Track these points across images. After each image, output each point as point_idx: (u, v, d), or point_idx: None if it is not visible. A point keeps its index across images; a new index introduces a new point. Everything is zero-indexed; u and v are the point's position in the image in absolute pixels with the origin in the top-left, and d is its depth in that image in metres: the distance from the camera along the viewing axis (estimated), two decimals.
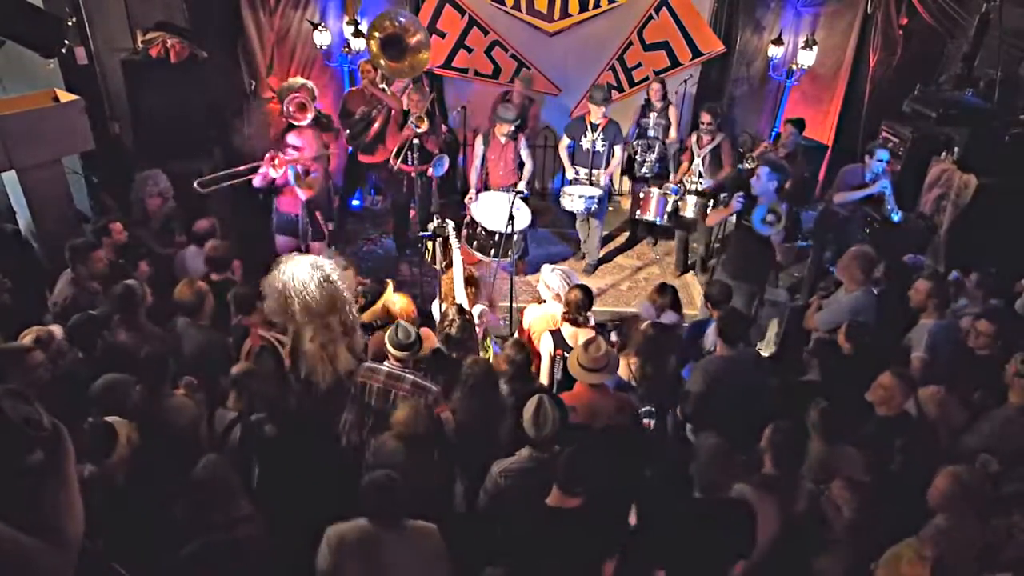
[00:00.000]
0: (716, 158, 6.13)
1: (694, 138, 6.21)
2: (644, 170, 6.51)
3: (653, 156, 6.45)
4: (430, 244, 5.09)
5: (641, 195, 6.28)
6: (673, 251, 6.85)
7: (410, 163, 5.85)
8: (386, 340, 3.45)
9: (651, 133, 6.46)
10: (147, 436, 2.89)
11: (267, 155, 5.07)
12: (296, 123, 5.24)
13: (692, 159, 6.20)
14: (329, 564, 2.48)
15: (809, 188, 7.35)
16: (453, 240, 4.76)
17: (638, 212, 6.33)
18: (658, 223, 6.33)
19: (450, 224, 4.85)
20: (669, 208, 6.12)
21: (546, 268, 4.36)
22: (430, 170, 5.84)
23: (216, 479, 2.66)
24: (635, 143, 6.49)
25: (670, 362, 3.87)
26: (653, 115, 6.47)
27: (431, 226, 4.86)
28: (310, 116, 5.26)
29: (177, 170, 5.65)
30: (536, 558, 2.51)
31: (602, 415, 3.23)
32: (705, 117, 6.06)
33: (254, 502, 2.79)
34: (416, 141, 5.44)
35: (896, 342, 4.07)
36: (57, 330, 3.53)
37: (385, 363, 3.47)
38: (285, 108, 5.19)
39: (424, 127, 5.53)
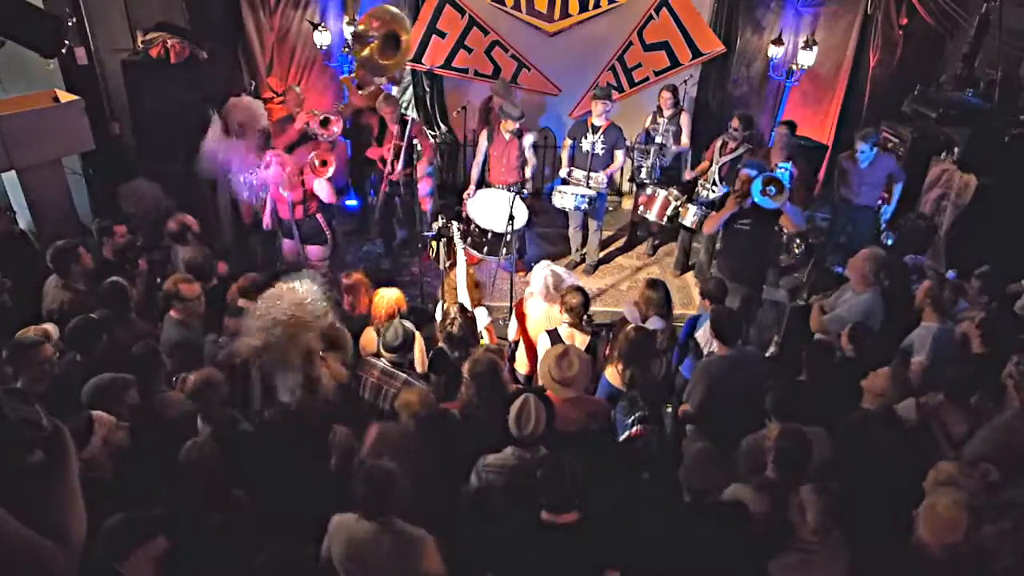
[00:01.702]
0: (735, 169, 5.96)
1: (719, 142, 6.14)
2: (643, 175, 6.44)
3: (648, 162, 6.36)
4: (434, 244, 5.08)
5: (648, 192, 6.26)
6: (673, 252, 6.84)
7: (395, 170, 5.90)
8: (380, 341, 3.49)
9: (659, 140, 6.38)
10: (138, 433, 2.90)
11: (308, 161, 5.14)
12: (323, 138, 5.33)
13: (711, 164, 6.13)
14: (325, 548, 2.55)
15: (809, 188, 7.34)
16: (458, 241, 4.75)
17: (640, 207, 6.30)
18: (656, 222, 6.30)
19: (455, 225, 4.84)
20: (670, 212, 6.07)
21: (539, 265, 4.35)
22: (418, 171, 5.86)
23: (203, 459, 2.65)
24: (635, 142, 6.44)
25: (654, 366, 3.83)
26: (663, 121, 6.41)
27: (436, 226, 4.85)
28: (337, 129, 5.30)
29: (177, 170, 5.66)
30: (534, 572, 2.51)
31: (570, 423, 3.21)
32: (734, 122, 5.99)
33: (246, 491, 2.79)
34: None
35: (895, 344, 4.06)
36: (53, 329, 3.53)
37: (381, 359, 3.51)
38: (310, 127, 5.23)
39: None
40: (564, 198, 5.96)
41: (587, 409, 3.33)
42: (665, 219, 6.11)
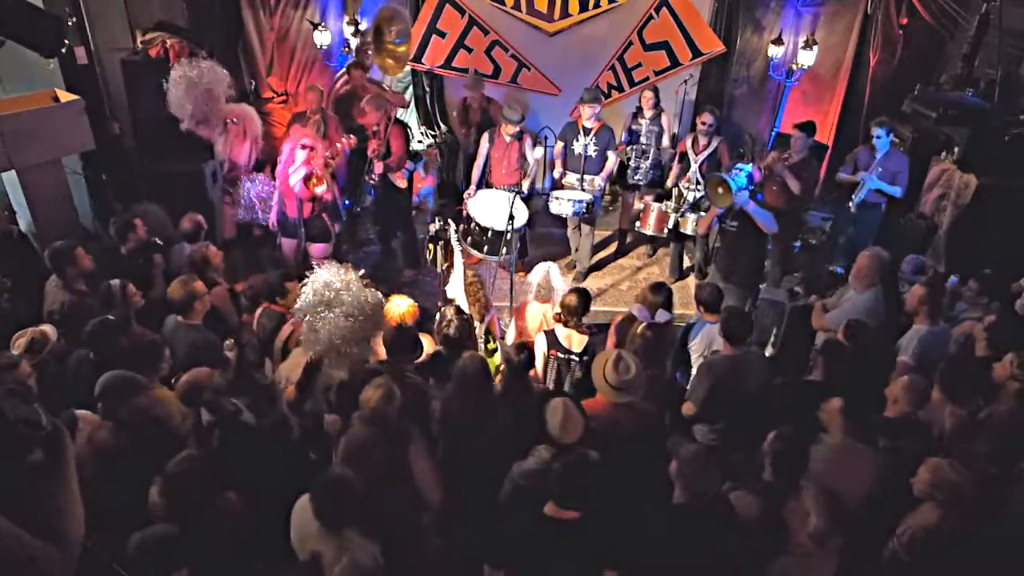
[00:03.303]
0: (714, 163, 6.00)
1: (689, 141, 6.10)
2: (638, 176, 6.38)
3: (648, 163, 6.30)
4: (431, 246, 5.08)
5: (641, 207, 6.17)
6: (670, 254, 6.81)
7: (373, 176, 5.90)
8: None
9: (644, 140, 6.33)
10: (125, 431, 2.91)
11: (303, 177, 5.12)
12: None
13: (688, 165, 6.06)
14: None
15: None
16: (455, 244, 4.74)
17: (638, 225, 6.22)
18: (656, 235, 6.24)
19: (452, 227, 4.84)
20: (670, 224, 6.00)
21: (539, 266, 4.35)
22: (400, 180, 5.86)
23: (192, 473, 2.62)
24: (629, 149, 6.33)
25: (669, 362, 3.84)
26: (644, 122, 6.34)
27: (433, 228, 4.84)
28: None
29: (177, 170, 5.66)
30: (535, 565, 2.51)
31: (624, 428, 3.21)
32: (706, 118, 5.93)
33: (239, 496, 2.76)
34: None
35: (891, 343, 4.07)
36: (51, 331, 3.54)
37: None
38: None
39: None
40: (561, 205, 5.85)
41: (642, 413, 3.32)
42: (665, 232, 6.07)
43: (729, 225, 4.92)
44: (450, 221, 4.95)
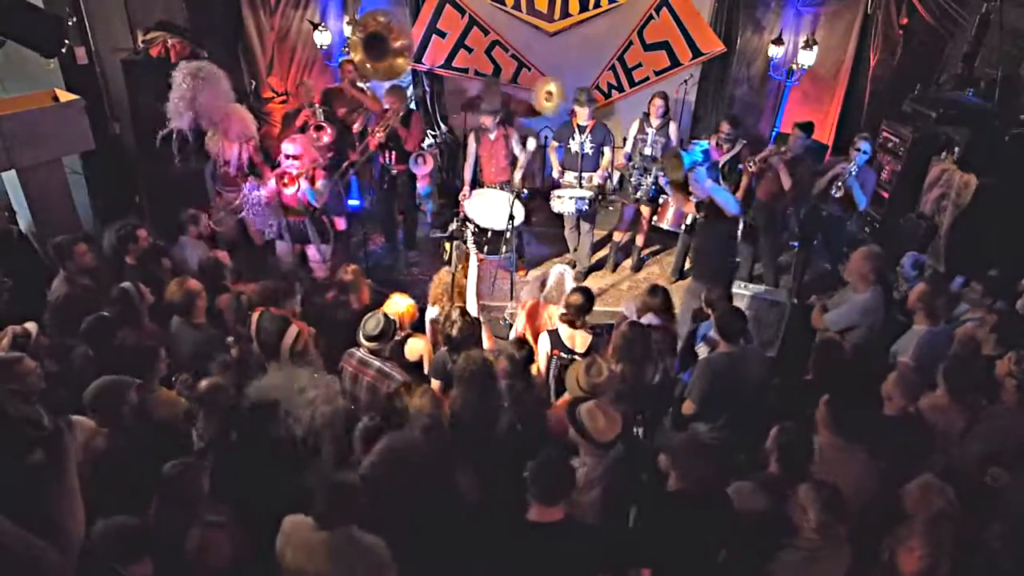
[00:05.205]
0: (734, 167, 5.93)
1: (712, 142, 5.98)
2: (639, 195, 6.20)
3: (649, 180, 6.11)
4: (447, 245, 5.08)
5: (660, 201, 6.15)
6: (661, 257, 6.77)
7: (388, 162, 5.90)
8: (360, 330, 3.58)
9: (648, 152, 6.13)
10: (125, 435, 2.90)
11: (275, 174, 5.08)
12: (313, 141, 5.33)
13: None
14: (279, 549, 2.53)
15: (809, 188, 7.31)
16: (471, 245, 4.73)
17: (655, 219, 6.21)
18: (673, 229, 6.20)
19: (470, 228, 4.83)
20: (689, 221, 5.90)
21: (555, 269, 4.37)
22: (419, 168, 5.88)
23: (185, 481, 2.60)
24: (629, 166, 6.20)
25: (648, 366, 3.80)
26: (651, 131, 6.10)
27: (450, 228, 4.84)
28: (327, 139, 5.41)
29: (177, 171, 5.66)
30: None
31: None
32: (725, 126, 5.92)
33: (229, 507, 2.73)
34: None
35: (888, 342, 4.07)
36: (32, 327, 3.54)
37: (359, 350, 3.58)
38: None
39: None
40: (563, 203, 5.85)
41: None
42: (683, 228, 6.04)
43: (702, 216, 4.80)
44: (468, 223, 4.95)
